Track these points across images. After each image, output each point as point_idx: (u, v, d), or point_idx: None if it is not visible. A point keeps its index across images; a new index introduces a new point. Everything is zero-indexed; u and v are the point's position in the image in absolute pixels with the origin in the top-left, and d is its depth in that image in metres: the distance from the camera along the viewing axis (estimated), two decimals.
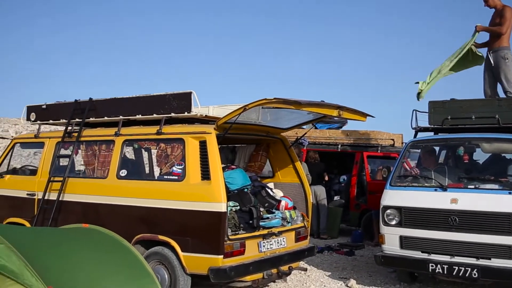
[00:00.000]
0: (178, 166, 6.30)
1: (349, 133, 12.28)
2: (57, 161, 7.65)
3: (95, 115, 7.46)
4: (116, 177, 6.75)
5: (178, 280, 6.07)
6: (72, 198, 7.18)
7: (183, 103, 6.52)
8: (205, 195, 5.92)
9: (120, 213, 6.64)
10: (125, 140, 6.92)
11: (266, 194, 6.98)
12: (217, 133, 6.15)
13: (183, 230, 6.08)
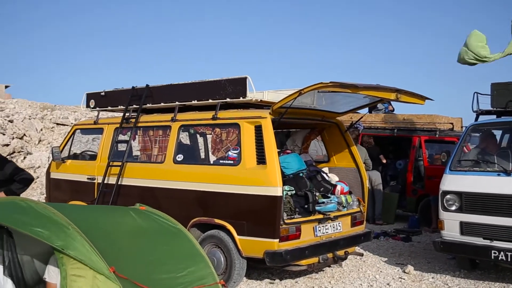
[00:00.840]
0: (234, 150, 6.43)
1: (406, 117, 12.09)
2: (115, 147, 7.93)
3: (152, 101, 7.67)
4: (173, 162, 6.96)
5: (234, 263, 6.23)
6: (130, 182, 7.46)
7: (238, 88, 6.62)
8: (261, 179, 6.03)
9: (176, 197, 6.85)
10: (181, 126, 7.10)
11: (322, 179, 7.02)
12: (272, 118, 6.23)
13: (239, 214, 6.22)
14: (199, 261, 4.57)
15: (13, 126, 14.56)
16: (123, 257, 3.98)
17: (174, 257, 4.46)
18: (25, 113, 15.81)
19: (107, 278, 3.59)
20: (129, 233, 4.43)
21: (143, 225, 4.69)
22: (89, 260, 3.63)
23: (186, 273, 4.35)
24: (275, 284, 6.67)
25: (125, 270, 3.76)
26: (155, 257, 4.30)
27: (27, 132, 14.69)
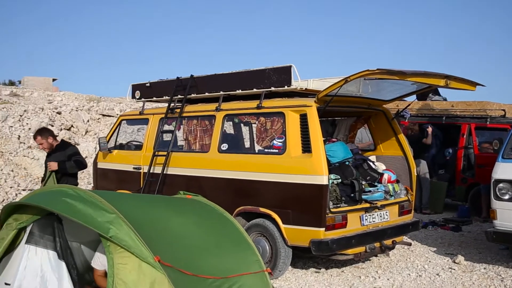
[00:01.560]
0: (279, 139, 6.46)
1: (454, 104, 11.82)
2: (160, 136, 8.07)
3: (196, 91, 7.77)
4: (218, 151, 7.04)
5: (279, 252, 6.28)
6: (175, 172, 7.59)
7: (283, 77, 6.62)
8: (306, 168, 6.04)
9: (221, 185, 6.94)
10: (225, 115, 7.17)
11: (368, 167, 6.97)
12: (317, 106, 6.22)
13: (284, 203, 6.25)
14: (245, 248, 4.63)
15: (61, 118, 15.02)
16: (168, 245, 4.04)
17: (220, 245, 4.51)
18: (72, 105, 16.27)
19: (152, 267, 3.67)
20: (176, 221, 4.50)
21: (189, 213, 4.78)
22: (134, 248, 3.71)
23: (233, 260, 4.40)
24: (321, 273, 6.69)
25: (171, 258, 3.82)
26: (202, 244, 4.36)
27: (74, 123, 15.13)
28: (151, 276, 3.65)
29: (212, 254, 4.31)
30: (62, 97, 20.93)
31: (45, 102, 17.38)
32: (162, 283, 3.61)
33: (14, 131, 13.33)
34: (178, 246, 4.14)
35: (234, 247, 4.57)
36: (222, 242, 4.56)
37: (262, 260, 4.66)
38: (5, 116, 13.79)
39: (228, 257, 4.41)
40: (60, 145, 6.96)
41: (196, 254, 4.19)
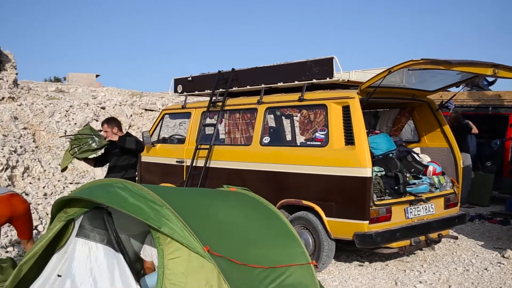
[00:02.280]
0: (321, 131, 6.42)
1: (501, 94, 11.48)
2: (203, 130, 8.15)
3: (238, 84, 7.81)
4: (260, 144, 7.06)
5: (323, 245, 6.26)
6: (218, 165, 7.66)
7: (324, 69, 6.58)
8: (350, 160, 5.99)
9: (264, 178, 6.95)
10: (267, 108, 7.18)
11: (412, 159, 6.86)
12: (360, 98, 6.15)
13: (327, 195, 6.22)
14: (291, 240, 4.63)
15: (105, 113, 15.34)
16: (217, 235, 4.07)
17: (266, 237, 4.52)
18: (116, 100, 16.58)
19: (202, 257, 3.69)
20: (222, 213, 4.53)
21: (235, 205, 4.80)
22: (184, 239, 3.74)
23: (279, 252, 4.40)
24: (365, 266, 6.63)
25: (219, 248, 3.84)
26: (248, 236, 4.38)
27: (118, 118, 15.41)
28: (201, 266, 3.69)
29: (259, 246, 4.34)
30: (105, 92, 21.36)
31: (90, 98, 17.77)
32: (211, 273, 3.65)
33: (61, 126, 13.70)
34: (226, 236, 4.17)
35: (280, 239, 4.58)
36: (268, 234, 4.57)
37: (307, 252, 4.64)
38: (52, 111, 14.17)
39: (274, 249, 4.42)
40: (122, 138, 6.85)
41: (243, 245, 4.22)
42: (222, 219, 4.41)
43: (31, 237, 5.99)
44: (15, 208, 5.66)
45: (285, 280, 4.17)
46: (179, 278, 3.68)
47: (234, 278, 3.70)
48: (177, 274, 3.69)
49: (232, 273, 3.71)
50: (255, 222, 4.63)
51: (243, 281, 3.78)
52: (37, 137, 12.88)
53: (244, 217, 4.62)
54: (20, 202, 5.77)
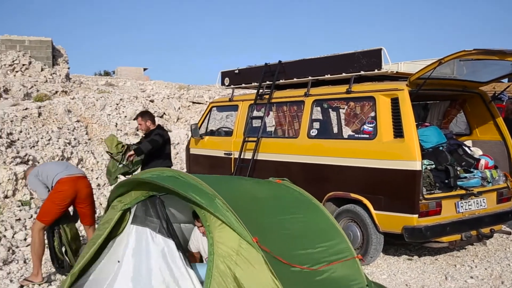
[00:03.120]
0: (369, 124, 6.36)
1: None
2: (250, 122, 8.20)
3: (285, 77, 7.81)
4: (307, 137, 7.05)
5: (371, 238, 6.21)
6: (265, 157, 7.70)
7: (372, 61, 6.50)
8: (399, 153, 5.91)
9: (311, 171, 6.94)
10: (314, 100, 7.16)
11: (463, 153, 6.71)
12: (409, 90, 6.05)
13: (376, 189, 6.17)
14: (335, 235, 4.59)
15: (153, 106, 15.63)
16: (262, 230, 4.07)
17: (311, 232, 4.51)
18: (164, 93, 16.88)
19: (251, 246, 3.74)
20: (268, 206, 4.56)
21: (281, 198, 4.81)
22: (235, 228, 3.80)
23: (323, 247, 4.38)
24: (414, 260, 6.55)
25: (266, 242, 3.85)
26: (293, 231, 4.37)
27: (166, 111, 15.70)
28: (250, 255, 3.73)
29: (303, 241, 4.32)
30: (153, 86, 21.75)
31: (138, 91, 18.15)
32: (260, 263, 3.69)
33: (112, 119, 14.05)
34: (271, 232, 4.18)
35: (323, 234, 4.56)
36: (312, 229, 4.56)
37: (352, 247, 4.61)
38: (103, 104, 14.54)
39: (319, 245, 4.39)
40: (153, 130, 7.22)
41: (287, 240, 4.22)
42: (267, 213, 4.44)
43: (93, 223, 6.11)
44: (79, 190, 5.80)
45: (329, 276, 4.16)
46: (229, 267, 3.74)
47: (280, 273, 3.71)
48: (226, 261, 3.74)
49: (277, 269, 3.72)
50: (298, 217, 4.62)
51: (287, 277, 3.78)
52: (89, 130, 13.27)
53: (289, 213, 4.62)
54: (85, 185, 5.89)
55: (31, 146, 10.42)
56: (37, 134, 11.15)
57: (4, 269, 6.08)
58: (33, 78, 20.49)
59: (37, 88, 18.36)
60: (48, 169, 5.90)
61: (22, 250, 6.82)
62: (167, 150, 7.29)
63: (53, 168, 5.89)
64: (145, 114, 7.30)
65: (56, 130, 11.87)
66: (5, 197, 8.34)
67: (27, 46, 22.18)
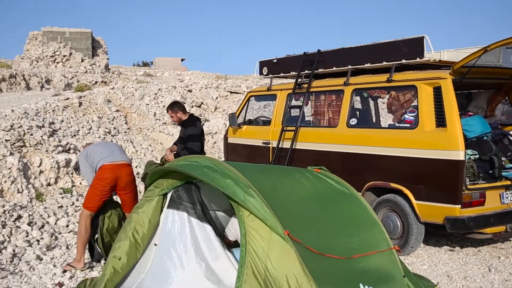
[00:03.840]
0: (410, 113, 6.29)
1: None
2: (288, 112, 8.19)
3: (324, 66, 7.77)
4: (346, 126, 7.01)
5: (411, 228, 6.16)
6: (303, 146, 7.69)
7: (414, 49, 6.41)
8: (441, 143, 5.83)
9: (350, 161, 6.91)
10: (354, 89, 7.10)
11: (509, 143, 6.57)
12: (453, 78, 5.95)
13: (417, 178, 6.10)
14: (372, 226, 4.56)
15: (192, 95, 15.79)
16: (296, 220, 4.08)
17: (347, 222, 4.49)
18: (202, 83, 17.01)
19: (282, 239, 3.74)
20: (304, 196, 4.53)
21: (317, 188, 4.75)
22: (266, 220, 3.79)
23: (359, 238, 4.36)
24: (455, 251, 6.47)
25: (298, 233, 3.84)
26: (328, 221, 4.37)
27: (204, 100, 15.83)
28: (281, 248, 3.72)
29: (338, 232, 4.31)
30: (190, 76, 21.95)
31: (176, 81, 18.34)
32: (291, 256, 3.68)
33: (150, 108, 14.26)
34: (305, 222, 4.17)
35: (360, 224, 4.53)
36: (348, 219, 4.53)
37: (389, 237, 4.56)
38: (142, 94, 14.77)
39: (354, 235, 4.37)
40: (186, 120, 7.05)
41: (321, 231, 4.20)
42: (303, 203, 4.42)
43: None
44: (120, 178, 5.82)
45: (364, 267, 4.13)
46: (261, 257, 3.74)
47: (311, 264, 3.71)
48: (258, 252, 3.75)
49: (309, 260, 3.72)
50: (334, 207, 4.60)
51: (319, 269, 3.77)
52: (128, 119, 13.51)
53: (324, 202, 4.60)
54: (126, 174, 5.89)
55: (72, 135, 10.67)
56: (78, 123, 11.41)
57: (47, 255, 6.27)
58: (74, 69, 20.99)
59: (78, 79, 18.82)
60: (95, 151, 5.92)
61: (64, 236, 7.02)
62: (201, 141, 7.23)
63: (99, 152, 5.90)
64: (174, 105, 7.13)
65: (96, 119, 12.13)
66: (48, 185, 8.56)
67: (68, 38, 22.71)
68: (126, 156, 6.13)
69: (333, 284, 3.79)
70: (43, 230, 6.91)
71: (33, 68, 20.38)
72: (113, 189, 5.88)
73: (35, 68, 20.25)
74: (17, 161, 8.09)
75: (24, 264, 5.84)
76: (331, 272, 3.87)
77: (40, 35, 22.55)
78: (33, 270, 5.74)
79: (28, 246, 6.38)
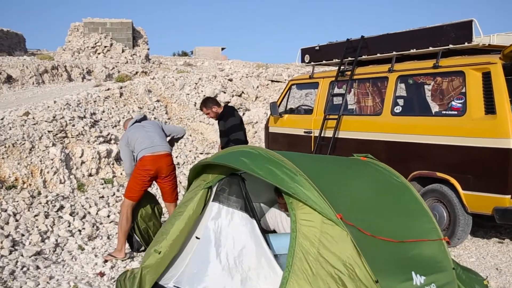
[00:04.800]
0: (458, 100, 6.21)
1: None
2: (331, 100, 8.20)
3: (368, 52, 7.73)
4: (391, 114, 6.97)
5: (458, 219, 6.10)
6: (346, 135, 7.70)
7: (462, 33, 6.31)
8: (490, 131, 5.75)
9: (395, 149, 6.88)
10: (399, 76, 7.05)
11: None
12: (503, 63, 5.84)
13: (464, 168, 6.03)
14: (422, 215, 4.56)
15: (232, 85, 15.92)
16: (347, 204, 4.09)
17: (396, 211, 4.49)
18: (242, 72, 17.12)
19: (335, 224, 3.76)
20: (353, 182, 4.56)
21: (365, 174, 4.79)
22: (317, 206, 3.82)
23: (409, 226, 4.36)
24: (505, 244, 6.38)
25: (350, 217, 3.85)
26: (378, 208, 4.37)
27: (245, 89, 15.95)
28: (334, 233, 3.75)
29: (388, 219, 4.31)
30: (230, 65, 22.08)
31: (217, 71, 18.50)
32: (344, 241, 3.71)
33: (191, 98, 14.46)
34: (357, 206, 4.18)
35: (409, 213, 4.53)
36: (398, 208, 4.53)
37: (439, 228, 4.56)
38: (182, 84, 14.99)
39: (404, 224, 4.38)
40: (224, 113, 7.06)
41: (373, 216, 4.21)
42: (352, 189, 4.43)
43: (174, 201, 6.22)
44: (160, 168, 5.93)
45: (415, 253, 4.14)
46: (312, 243, 3.77)
47: (365, 248, 3.72)
48: (310, 239, 3.78)
49: (362, 244, 3.73)
50: (384, 195, 4.60)
51: (373, 252, 3.78)
52: (169, 109, 13.74)
53: (373, 189, 4.60)
54: (166, 164, 5.99)
55: (113, 125, 10.93)
56: (118, 114, 11.69)
57: (89, 245, 6.48)
58: (114, 60, 21.46)
59: (118, 69, 19.22)
60: (136, 140, 6.01)
61: (105, 227, 7.21)
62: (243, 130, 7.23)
63: (139, 141, 5.99)
64: (207, 101, 7.09)
65: (137, 109, 12.40)
66: (89, 175, 8.81)
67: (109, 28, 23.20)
68: (166, 144, 6.18)
69: (387, 270, 3.81)
70: (84, 220, 7.14)
71: (74, 59, 20.94)
72: (153, 179, 6.01)
73: (76, 60, 20.80)
74: (60, 152, 8.35)
75: (66, 254, 6.07)
76: (384, 257, 3.90)
77: (81, 26, 23.15)
78: (75, 259, 5.95)
79: (70, 236, 6.60)
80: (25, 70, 15.57)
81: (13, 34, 27.38)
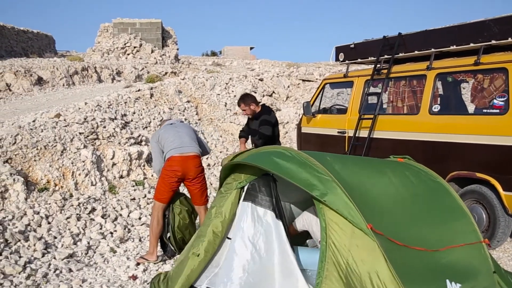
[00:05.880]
0: (500, 98, 6.14)
1: None
2: (366, 99, 8.18)
3: (405, 50, 7.70)
4: (429, 113, 6.93)
5: (499, 221, 6.04)
6: (382, 135, 7.67)
7: (506, 28, 6.24)
8: None
9: (432, 149, 6.83)
10: (437, 74, 7.00)
11: None
12: None
13: (506, 168, 5.96)
14: (461, 217, 4.53)
15: (263, 84, 15.99)
16: (380, 212, 4.06)
17: (433, 213, 4.46)
18: (273, 72, 17.18)
19: (365, 234, 3.73)
20: (387, 186, 4.50)
21: (401, 177, 4.72)
22: (348, 213, 3.79)
23: (447, 229, 4.34)
24: None
25: (382, 225, 3.82)
26: (414, 212, 4.34)
27: (275, 89, 16.01)
28: (363, 243, 3.72)
29: (424, 223, 4.27)
30: (259, 65, 22.14)
31: (247, 70, 18.58)
32: (374, 251, 3.67)
33: (221, 98, 14.58)
34: (390, 213, 4.15)
35: (448, 216, 4.49)
36: (435, 210, 4.50)
37: (479, 230, 4.52)
38: (212, 84, 15.12)
39: (441, 227, 4.34)
40: (260, 112, 7.06)
41: (407, 222, 4.18)
42: (386, 193, 4.39)
43: (203, 203, 6.20)
44: (187, 169, 5.94)
45: (451, 260, 4.10)
46: (342, 253, 3.76)
47: (395, 258, 3.69)
48: (339, 247, 3.77)
49: (393, 254, 3.71)
50: (421, 198, 4.57)
51: (404, 262, 3.76)
52: (199, 110, 13.88)
53: (410, 192, 4.56)
54: (193, 165, 5.99)
55: (144, 126, 11.07)
56: (149, 115, 11.84)
57: (121, 247, 6.57)
58: (144, 60, 21.74)
59: (148, 70, 19.46)
60: (166, 139, 6.04)
61: (137, 229, 7.29)
62: (276, 132, 7.20)
63: (170, 140, 6.02)
64: (246, 98, 7.04)
65: (168, 110, 12.53)
66: (121, 177, 8.91)
67: (138, 29, 23.52)
68: (196, 146, 6.16)
69: (418, 280, 3.77)
70: (116, 223, 7.24)
71: (104, 60, 21.28)
72: (181, 180, 6.02)
73: (106, 61, 21.13)
74: (91, 154, 8.46)
75: (98, 257, 6.15)
76: (416, 267, 3.86)
77: (111, 27, 23.52)
78: (107, 262, 6.02)
79: (102, 239, 6.69)
80: (55, 72, 15.89)
81: (43, 36, 27.98)
